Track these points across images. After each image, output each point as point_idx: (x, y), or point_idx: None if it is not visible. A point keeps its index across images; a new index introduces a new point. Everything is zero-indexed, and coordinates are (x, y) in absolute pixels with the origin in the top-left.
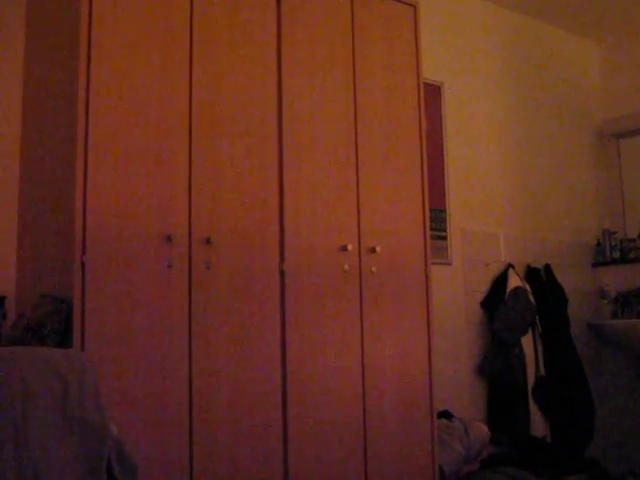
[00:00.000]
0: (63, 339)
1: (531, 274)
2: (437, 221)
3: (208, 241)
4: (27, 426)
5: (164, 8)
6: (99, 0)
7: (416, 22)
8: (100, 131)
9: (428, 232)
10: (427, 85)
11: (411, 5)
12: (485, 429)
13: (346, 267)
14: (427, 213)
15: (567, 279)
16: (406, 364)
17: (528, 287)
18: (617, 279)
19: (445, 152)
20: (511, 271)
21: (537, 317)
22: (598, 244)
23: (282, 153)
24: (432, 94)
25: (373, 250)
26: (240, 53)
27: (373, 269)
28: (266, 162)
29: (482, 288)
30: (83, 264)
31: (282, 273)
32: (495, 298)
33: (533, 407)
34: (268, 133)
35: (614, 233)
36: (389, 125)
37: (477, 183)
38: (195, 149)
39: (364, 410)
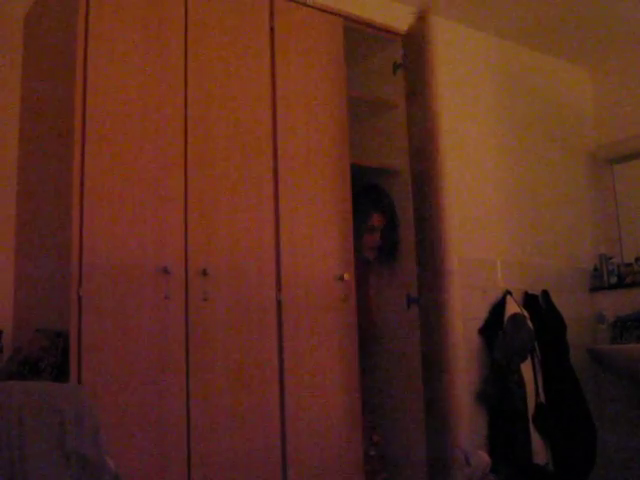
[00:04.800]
0: (60, 373)
1: (529, 300)
2: None
3: (205, 273)
4: (24, 461)
5: (159, 39)
6: (94, 29)
7: (404, 51)
8: (96, 163)
9: None
10: None
11: (398, 34)
12: (486, 457)
13: (343, 297)
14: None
15: (565, 305)
16: None
17: (526, 313)
18: (615, 304)
19: None
20: (509, 298)
21: (536, 343)
22: (595, 269)
23: (278, 183)
24: None
25: None
26: (234, 85)
27: None
28: (262, 193)
29: (480, 315)
30: (80, 297)
31: (279, 303)
32: (493, 325)
33: (534, 434)
34: (264, 165)
35: (611, 258)
36: None
37: (473, 210)
38: (190, 181)
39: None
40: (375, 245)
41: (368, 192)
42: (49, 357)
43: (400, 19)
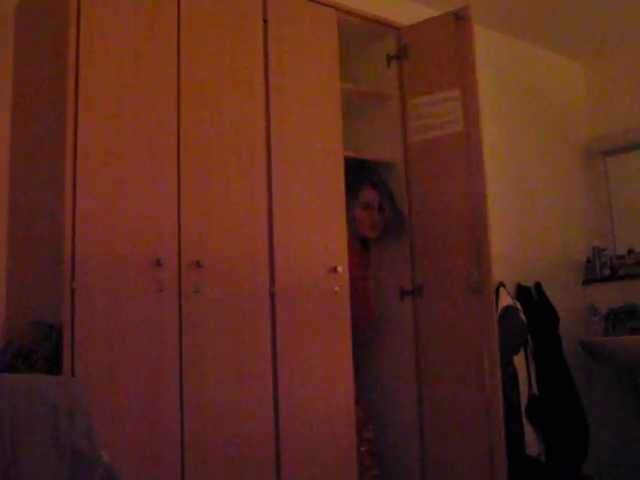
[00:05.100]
0: (53, 365)
1: (522, 292)
2: None
3: (198, 265)
4: (17, 454)
5: (152, 32)
6: (86, 22)
7: (398, 45)
8: (88, 155)
9: None
10: None
11: (396, 29)
12: None
13: (337, 289)
14: None
15: (558, 297)
16: None
17: (519, 306)
18: (608, 296)
19: None
20: (502, 290)
21: (529, 336)
22: (588, 261)
23: (271, 176)
24: None
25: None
26: (227, 77)
27: None
28: (256, 185)
29: None
30: (72, 290)
31: (272, 295)
32: None
33: (527, 426)
34: (257, 157)
35: (604, 250)
36: None
37: None
38: (184, 173)
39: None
40: (374, 223)
41: (357, 169)
42: (42, 349)
43: (393, 11)
